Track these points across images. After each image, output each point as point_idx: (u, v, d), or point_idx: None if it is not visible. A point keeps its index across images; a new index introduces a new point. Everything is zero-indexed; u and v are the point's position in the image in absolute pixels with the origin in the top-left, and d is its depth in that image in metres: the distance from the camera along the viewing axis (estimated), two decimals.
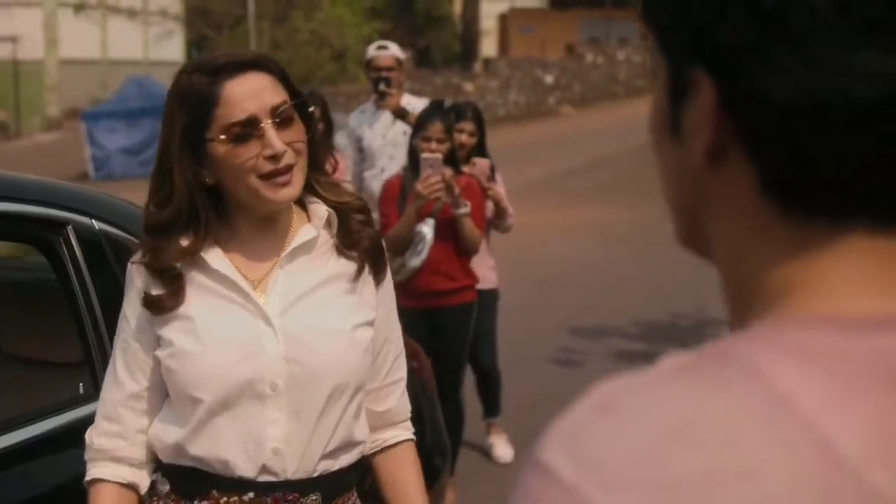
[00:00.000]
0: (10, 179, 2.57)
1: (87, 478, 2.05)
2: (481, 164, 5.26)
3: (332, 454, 2.02)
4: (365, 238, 2.06)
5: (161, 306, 1.97)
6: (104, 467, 2.04)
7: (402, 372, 2.21)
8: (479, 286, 5.39)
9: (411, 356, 3.40)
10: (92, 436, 2.06)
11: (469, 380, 5.73)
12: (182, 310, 1.97)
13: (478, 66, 30.26)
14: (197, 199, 1.95)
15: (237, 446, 1.94)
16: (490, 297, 5.54)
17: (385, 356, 2.15)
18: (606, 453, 0.61)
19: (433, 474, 3.30)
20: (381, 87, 6.13)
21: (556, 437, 0.64)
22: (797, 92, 0.64)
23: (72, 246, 2.51)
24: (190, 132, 1.93)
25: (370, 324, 2.06)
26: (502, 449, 5.67)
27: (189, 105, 1.93)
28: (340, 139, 7.63)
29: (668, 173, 0.76)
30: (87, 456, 2.06)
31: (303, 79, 22.86)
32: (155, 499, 2.03)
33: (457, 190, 4.81)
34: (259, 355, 1.94)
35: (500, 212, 5.43)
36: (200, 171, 1.94)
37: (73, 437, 2.23)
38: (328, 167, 2.09)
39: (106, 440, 2.04)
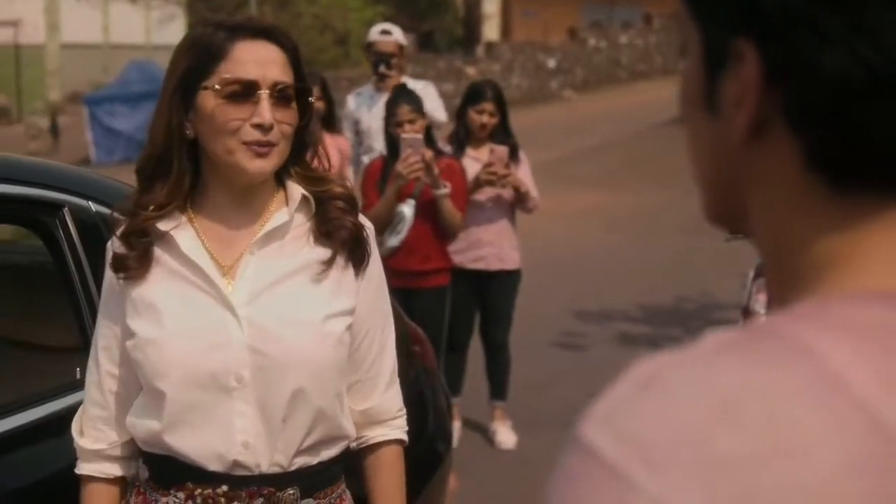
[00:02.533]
0: (4, 161, 2.53)
1: (78, 471, 2.05)
2: (499, 150, 5.26)
3: (310, 448, 1.96)
4: (343, 227, 1.98)
5: (126, 266, 1.93)
6: (96, 465, 2.04)
7: (387, 367, 2.11)
8: (504, 266, 5.46)
9: (413, 341, 3.38)
10: (81, 425, 2.05)
11: (477, 362, 5.72)
12: (148, 296, 1.92)
13: (480, 50, 30.20)
14: (174, 145, 1.91)
15: (206, 440, 1.90)
16: (514, 276, 5.59)
17: (367, 348, 2.06)
18: (650, 431, 0.59)
19: (436, 460, 3.27)
20: (382, 68, 6.14)
21: (597, 416, 0.61)
22: (850, 62, 0.62)
23: (68, 228, 2.47)
24: (188, 77, 1.90)
25: (347, 313, 1.98)
26: (505, 435, 5.65)
27: (196, 52, 1.90)
28: None
29: (702, 151, 0.74)
30: (77, 448, 2.05)
31: (306, 63, 22.78)
32: (137, 484, 2.01)
33: (436, 170, 4.87)
34: (223, 346, 1.89)
35: (520, 196, 5.41)
36: (184, 120, 1.91)
37: (69, 422, 2.20)
38: (316, 162, 2.03)
39: (94, 432, 2.04)
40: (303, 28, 27.83)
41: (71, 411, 2.29)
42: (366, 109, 6.25)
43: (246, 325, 1.90)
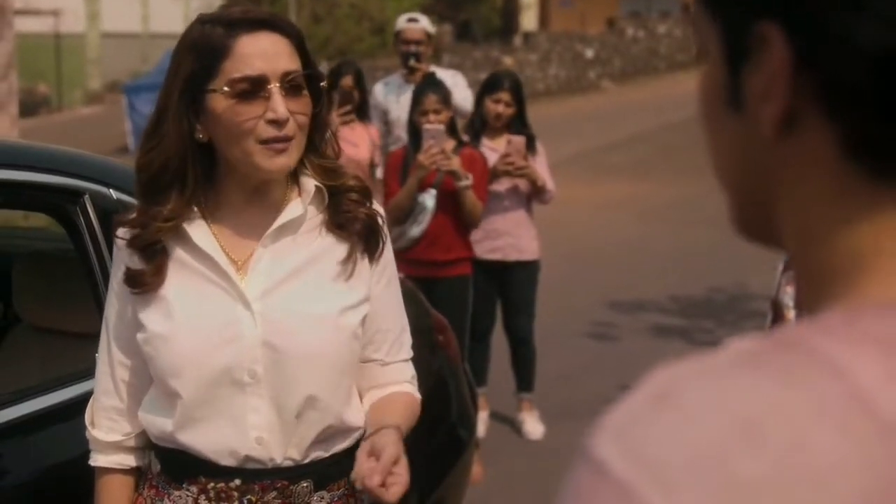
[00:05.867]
0: (26, 148, 2.56)
1: (93, 463, 2.05)
2: (516, 141, 5.23)
3: (322, 441, 1.94)
4: (357, 219, 1.95)
5: (143, 282, 1.89)
6: (111, 456, 2.03)
7: (403, 354, 2.09)
8: (522, 257, 5.46)
9: (437, 331, 3.38)
10: (93, 416, 2.05)
11: (504, 352, 5.71)
12: (160, 290, 1.89)
13: (518, 40, 30.06)
14: (187, 152, 1.86)
15: (218, 436, 1.88)
16: (532, 267, 5.57)
17: (384, 335, 2.04)
18: (664, 450, 0.55)
19: (459, 447, 3.27)
20: (411, 62, 6.16)
21: (609, 430, 0.58)
22: (891, 34, 0.58)
23: (89, 215, 2.49)
24: (193, 81, 1.83)
25: (362, 303, 1.95)
26: (532, 426, 5.64)
27: (197, 53, 1.83)
28: None
29: (727, 152, 0.70)
30: (90, 439, 2.05)
31: (342, 52, 22.84)
32: (149, 476, 2.00)
33: (457, 161, 4.89)
34: (236, 341, 1.86)
35: (536, 189, 5.39)
36: (194, 125, 1.85)
37: None
38: (331, 152, 1.98)
39: (107, 422, 2.02)
40: (340, 17, 27.83)
41: (89, 396, 2.31)
42: (394, 99, 6.26)
43: (260, 320, 1.88)
